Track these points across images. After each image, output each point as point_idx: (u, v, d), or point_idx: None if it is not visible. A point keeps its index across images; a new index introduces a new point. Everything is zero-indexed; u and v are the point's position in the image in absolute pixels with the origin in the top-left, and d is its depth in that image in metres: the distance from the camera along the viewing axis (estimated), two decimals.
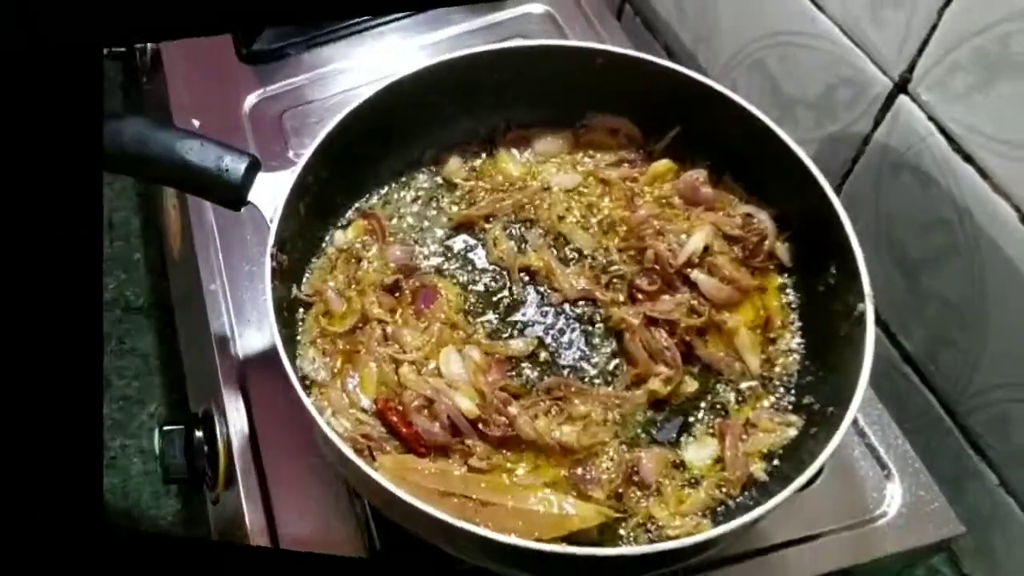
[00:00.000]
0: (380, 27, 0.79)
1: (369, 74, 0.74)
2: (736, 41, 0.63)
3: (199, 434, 0.61)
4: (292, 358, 0.56)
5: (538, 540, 0.46)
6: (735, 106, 0.53)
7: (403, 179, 0.65)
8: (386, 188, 0.65)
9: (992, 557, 0.52)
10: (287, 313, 0.59)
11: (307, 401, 0.48)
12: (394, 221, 0.64)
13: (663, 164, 0.58)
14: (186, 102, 0.75)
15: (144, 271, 0.90)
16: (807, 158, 0.51)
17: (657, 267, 0.55)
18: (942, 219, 0.51)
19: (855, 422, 0.52)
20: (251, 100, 0.75)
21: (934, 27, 0.49)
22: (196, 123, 0.73)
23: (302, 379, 0.55)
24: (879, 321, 0.54)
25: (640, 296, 0.56)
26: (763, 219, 0.54)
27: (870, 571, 0.51)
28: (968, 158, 0.49)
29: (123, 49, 0.85)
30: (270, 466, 0.57)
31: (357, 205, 0.65)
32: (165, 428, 0.61)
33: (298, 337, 0.59)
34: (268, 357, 0.62)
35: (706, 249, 0.54)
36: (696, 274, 0.54)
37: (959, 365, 0.52)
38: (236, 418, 0.59)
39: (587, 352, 0.56)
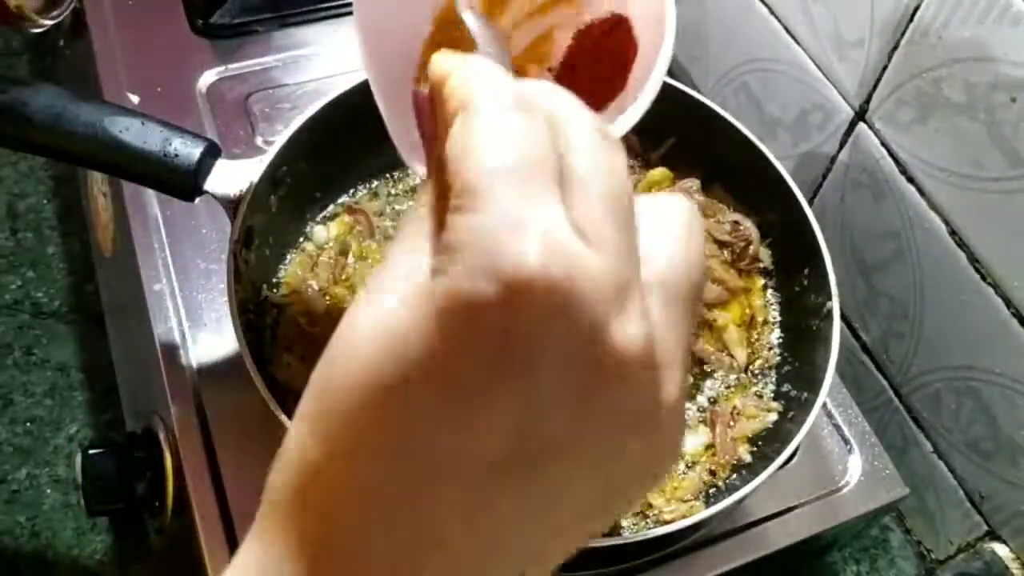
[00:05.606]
0: None
1: (350, 63, 0.69)
2: (724, 63, 0.69)
3: (138, 455, 0.54)
4: (262, 365, 0.52)
5: None
6: (725, 123, 0.58)
7: (396, 173, 0.63)
8: (376, 182, 0.62)
9: (929, 513, 0.62)
10: (254, 316, 0.55)
11: (281, 413, 0.44)
12: (385, 216, 0.61)
13: (659, 172, 0.62)
14: (121, 75, 0.65)
15: (61, 269, 0.77)
16: (786, 173, 0.57)
17: None
18: (891, 230, 0.60)
19: (824, 405, 0.59)
20: (208, 78, 0.67)
21: (885, 67, 0.57)
22: (134, 99, 0.65)
23: (276, 387, 0.50)
24: (842, 316, 0.62)
25: None
26: (749, 226, 0.59)
27: (837, 534, 0.59)
28: (911, 179, 0.57)
29: None
30: (232, 489, 0.50)
31: (342, 200, 0.62)
32: (90, 451, 0.53)
33: (271, 341, 0.55)
34: (230, 365, 0.55)
35: None
36: None
37: (904, 353, 0.61)
38: (188, 434, 0.53)
39: None
